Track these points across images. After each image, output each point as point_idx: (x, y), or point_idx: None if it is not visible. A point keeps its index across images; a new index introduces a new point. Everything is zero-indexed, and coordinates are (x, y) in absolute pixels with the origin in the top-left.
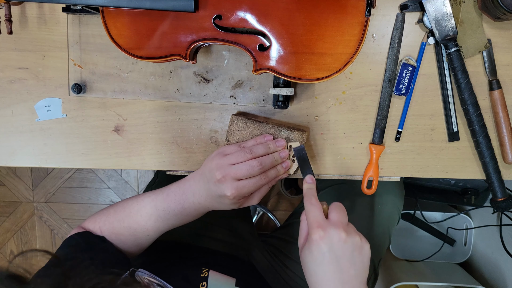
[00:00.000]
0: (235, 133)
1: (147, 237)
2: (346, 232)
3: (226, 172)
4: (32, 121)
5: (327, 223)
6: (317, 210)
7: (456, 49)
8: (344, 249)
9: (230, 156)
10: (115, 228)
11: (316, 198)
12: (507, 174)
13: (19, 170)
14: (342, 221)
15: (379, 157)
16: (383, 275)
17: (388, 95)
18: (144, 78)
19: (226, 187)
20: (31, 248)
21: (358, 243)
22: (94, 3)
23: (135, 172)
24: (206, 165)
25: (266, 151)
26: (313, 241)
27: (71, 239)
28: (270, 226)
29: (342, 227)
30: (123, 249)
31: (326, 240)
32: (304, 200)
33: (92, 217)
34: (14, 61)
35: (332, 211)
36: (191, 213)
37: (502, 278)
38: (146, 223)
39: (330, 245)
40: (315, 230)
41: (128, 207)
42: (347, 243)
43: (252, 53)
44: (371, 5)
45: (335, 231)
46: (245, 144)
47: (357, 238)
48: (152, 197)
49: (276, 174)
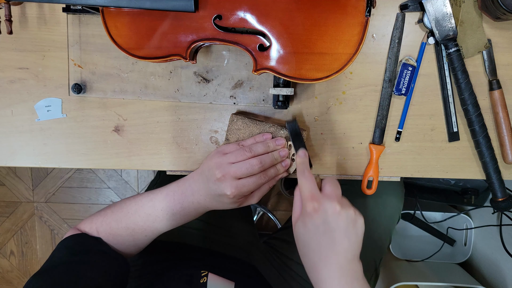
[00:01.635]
0: (234, 132)
1: (145, 238)
2: (340, 204)
3: (226, 170)
4: (32, 121)
5: (321, 196)
6: (311, 183)
7: (456, 49)
8: (338, 221)
9: (229, 155)
10: (113, 229)
11: (309, 171)
12: (507, 174)
13: (19, 170)
14: (336, 193)
15: (379, 157)
16: (383, 275)
17: (388, 95)
18: (144, 78)
19: (226, 186)
20: (31, 248)
21: (352, 216)
22: (94, 3)
23: (135, 172)
24: (206, 164)
25: (266, 149)
26: (307, 213)
27: (65, 241)
28: (270, 226)
29: (337, 199)
30: (120, 250)
31: (320, 212)
32: (298, 173)
33: (89, 218)
34: (14, 61)
35: (326, 184)
36: (190, 212)
37: (502, 278)
38: (144, 223)
39: (324, 217)
40: (309, 202)
41: (126, 207)
42: (341, 216)
43: (252, 53)
44: (371, 5)
45: (329, 203)
46: (244, 143)
47: (351, 211)
48: (150, 196)
49: (275, 173)
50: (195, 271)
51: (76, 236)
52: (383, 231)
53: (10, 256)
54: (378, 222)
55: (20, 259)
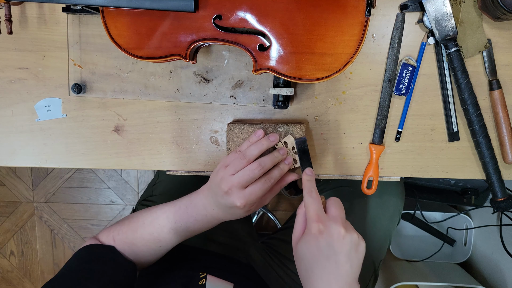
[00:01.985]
0: (234, 140)
1: (160, 248)
2: (345, 228)
3: (230, 183)
4: (32, 121)
5: (327, 218)
6: (318, 204)
7: (456, 49)
8: (343, 245)
9: (229, 167)
10: (128, 238)
11: (317, 192)
12: (507, 174)
13: (19, 170)
14: (341, 216)
15: (379, 157)
16: (383, 275)
17: (388, 95)
18: (144, 78)
19: (234, 198)
20: (31, 248)
21: (356, 240)
22: (94, 3)
23: (135, 172)
24: (212, 179)
25: (260, 149)
26: (312, 235)
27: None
28: (270, 226)
29: (341, 222)
30: (134, 259)
31: (325, 235)
32: (304, 192)
33: (107, 228)
34: (14, 61)
35: (331, 206)
36: (204, 225)
37: (502, 278)
38: (159, 234)
39: (329, 240)
40: (314, 223)
41: (142, 218)
42: (346, 240)
43: (252, 53)
44: (371, 5)
45: (335, 227)
46: (240, 148)
47: (355, 235)
48: (164, 209)
49: (280, 173)
50: (194, 272)
51: (89, 246)
52: (383, 233)
53: (10, 256)
54: (378, 224)
55: (20, 259)
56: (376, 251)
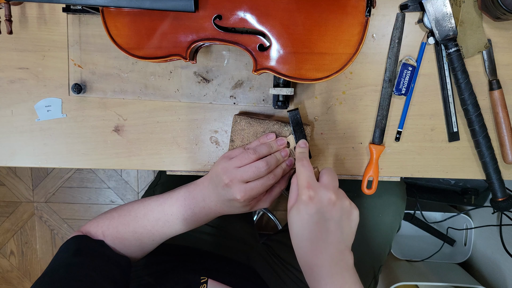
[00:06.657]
0: (239, 133)
1: (153, 242)
2: (336, 195)
3: (233, 175)
4: (32, 121)
5: (318, 185)
6: (309, 171)
7: (456, 49)
8: (333, 211)
9: (235, 159)
10: (120, 233)
11: (308, 161)
12: (507, 174)
13: (19, 170)
14: (333, 184)
15: (379, 157)
16: (383, 275)
17: (388, 95)
18: (144, 78)
19: (235, 190)
20: (31, 248)
21: (348, 207)
22: (94, 3)
23: (135, 172)
24: (213, 170)
25: (269, 150)
26: (302, 201)
27: (67, 244)
28: (270, 226)
29: (333, 189)
30: (126, 253)
31: (315, 201)
32: (296, 162)
33: (94, 221)
34: (14, 61)
35: (324, 174)
36: (201, 218)
37: (502, 278)
38: (153, 227)
39: (319, 206)
40: (305, 190)
41: (134, 211)
42: (336, 206)
43: (252, 53)
44: (371, 5)
45: (325, 193)
46: (249, 146)
47: (347, 202)
48: (160, 201)
49: (282, 172)
50: (194, 277)
51: (78, 237)
52: (383, 240)
53: (10, 256)
54: (378, 229)
55: (20, 259)
56: (376, 258)
